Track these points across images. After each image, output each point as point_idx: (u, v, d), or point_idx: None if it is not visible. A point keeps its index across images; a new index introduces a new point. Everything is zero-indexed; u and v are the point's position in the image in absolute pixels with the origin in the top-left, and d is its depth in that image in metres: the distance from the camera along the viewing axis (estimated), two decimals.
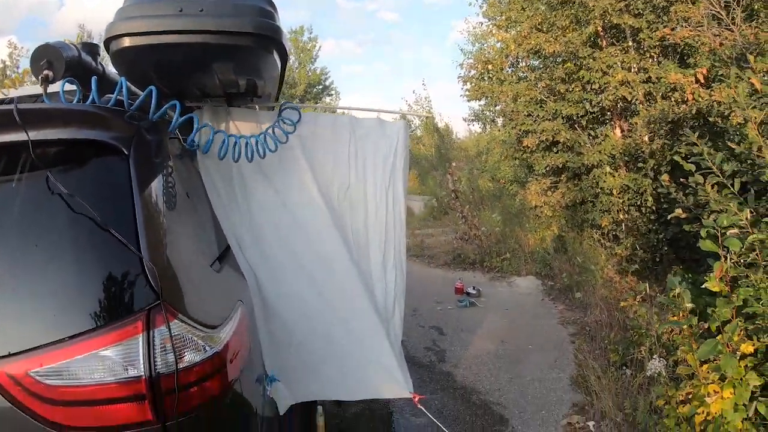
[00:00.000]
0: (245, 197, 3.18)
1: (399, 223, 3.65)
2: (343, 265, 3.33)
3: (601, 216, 8.37)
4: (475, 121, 16.38)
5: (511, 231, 10.99)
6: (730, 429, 2.64)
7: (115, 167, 1.98)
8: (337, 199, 3.44)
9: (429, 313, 7.61)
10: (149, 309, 1.79)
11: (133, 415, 1.79)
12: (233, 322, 2.24)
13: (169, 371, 1.79)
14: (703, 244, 2.77)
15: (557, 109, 8.82)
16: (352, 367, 3.42)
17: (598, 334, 5.95)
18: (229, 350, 2.08)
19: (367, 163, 3.52)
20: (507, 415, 4.59)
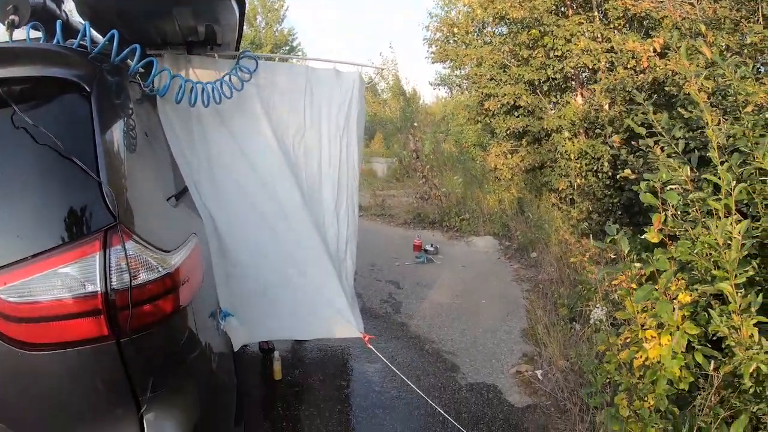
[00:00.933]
0: (203, 142, 3.25)
1: (352, 171, 3.77)
2: (296, 208, 3.43)
3: (559, 180, 8.54)
4: (441, 85, 16.44)
5: (471, 193, 11.15)
6: (668, 375, 2.76)
7: (77, 103, 2.06)
8: (292, 145, 3.54)
9: (387, 268, 7.75)
10: (106, 229, 1.89)
11: (90, 330, 1.88)
12: (186, 250, 2.33)
13: (123, 287, 1.90)
14: (643, 197, 2.86)
15: (520, 74, 8.90)
16: (305, 307, 3.53)
17: (550, 290, 6.14)
18: (180, 274, 2.17)
19: (322, 110, 3.62)
20: (458, 363, 4.74)
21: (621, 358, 3.08)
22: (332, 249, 3.72)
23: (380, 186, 15.50)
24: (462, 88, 14.52)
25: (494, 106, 9.19)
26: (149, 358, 2.07)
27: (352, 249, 3.88)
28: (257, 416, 3.91)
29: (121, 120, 2.29)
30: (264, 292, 3.46)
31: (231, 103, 3.26)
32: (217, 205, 3.28)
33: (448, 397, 4.18)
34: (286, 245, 3.44)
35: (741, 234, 2.41)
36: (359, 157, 3.83)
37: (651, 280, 2.85)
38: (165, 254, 2.12)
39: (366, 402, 4.11)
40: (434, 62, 10.85)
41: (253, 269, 3.40)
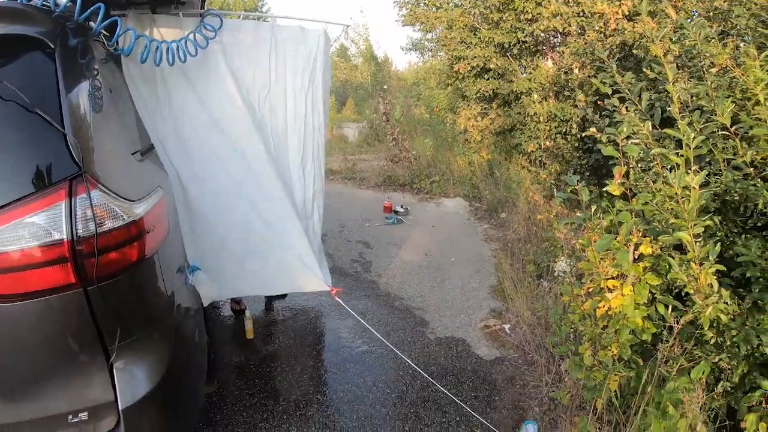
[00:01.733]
0: (168, 101, 3.25)
1: (318, 128, 3.79)
2: (262, 163, 3.45)
3: (528, 142, 8.60)
4: (412, 50, 16.33)
5: (441, 156, 11.20)
6: (631, 325, 2.84)
7: (42, 60, 2.10)
8: (258, 102, 3.55)
9: (357, 229, 7.81)
10: (72, 179, 1.93)
11: (57, 279, 1.92)
12: (151, 201, 2.37)
13: (89, 235, 1.93)
14: (604, 149, 2.91)
15: (490, 36, 8.89)
16: (273, 262, 3.57)
17: (518, 249, 6.24)
18: (145, 223, 2.21)
19: (287, 67, 3.62)
20: (428, 318, 4.83)
21: (584, 309, 3.16)
22: (299, 204, 3.75)
23: (351, 151, 15.49)
24: (433, 52, 14.43)
25: (464, 68, 9.18)
26: (117, 307, 2.10)
27: (319, 204, 3.91)
28: (230, 374, 3.95)
29: (86, 78, 2.32)
30: (231, 248, 3.49)
31: (196, 62, 3.25)
32: (183, 162, 3.28)
33: (417, 351, 4.26)
34: (253, 200, 3.46)
35: (699, 184, 2.47)
36: (325, 114, 3.84)
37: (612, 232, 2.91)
38: (130, 203, 2.15)
39: (337, 357, 4.18)
40: (404, 25, 10.77)
41: (220, 225, 3.43)
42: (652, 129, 3.14)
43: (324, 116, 3.81)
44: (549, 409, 3.49)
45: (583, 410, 3.24)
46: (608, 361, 2.92)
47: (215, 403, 3.58)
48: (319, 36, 3.72)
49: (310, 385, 3.83)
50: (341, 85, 23.03)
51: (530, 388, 3.73)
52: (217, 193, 3.39)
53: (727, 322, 2.56)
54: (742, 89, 3.20)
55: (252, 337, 4.42)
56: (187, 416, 2.62)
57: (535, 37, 8.54)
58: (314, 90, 3.73)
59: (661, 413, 2.55)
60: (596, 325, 3.11)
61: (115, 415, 2.10)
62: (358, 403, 3.58)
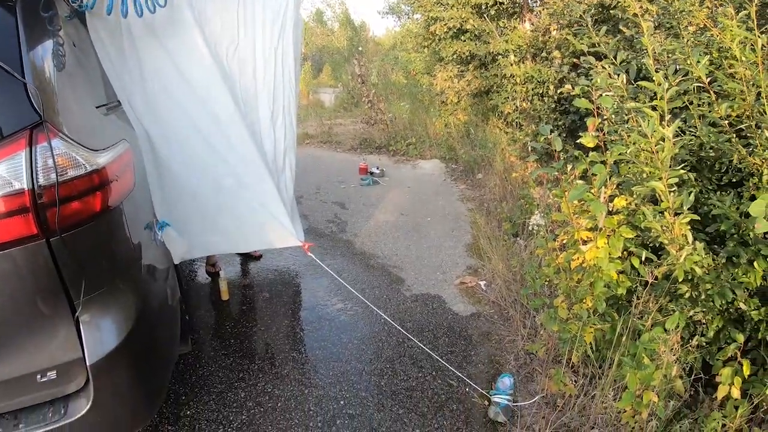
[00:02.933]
0: (135, 58, 3.16)
1: (288, 83, 3.71)
2: (231, 118, 3.38)
3: (505, 103, 8.57)
4: (389, 13, 16.17)
5: (418, 119, 11.14)
6: (605, 279, 2.84)
7: (2, 12, 2.08)
8: (226, 57, 3.46)
9: (332, 191, 7.77)
10: (32, 128, 1.89)
11: (19, 230, 1.87)
12: (114, 152, 2.32)
13: (50, 184, 1.88)
14: (578, 102, 2.88)
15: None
16: (244, 218, 3.52)
17: (494, 208, 6.25)
18: (109, 173, 2.16)
19: (256, 23, 3.53)
20: (403, 276, 4.82)
21: (559, 262, 3.17)
22: (270, 159, 3.69)
23: (328, 116, 15.37)
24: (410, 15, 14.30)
25: (441, 30, 9.10)
26: (81, 259, 2.05)
27: (291, 160, 3.84)
28: (205, 334, 3.93)
29: (48, 33, 2.27)
30: (201, 205, 3.43)
31: (162, 16, 3.14)
32: (151, 118, 3.20)
33: (393, 308, 4.26)
34: (222, 156, 3.39)
35: (673, 134, 2.46)
36: (296, 71, 3.77)
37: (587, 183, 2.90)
38: (92, 152, 2.10)
39: (312, 315, 4.16)
40: None
41: (189, 181, 3.36)
42: (627, 84, 3.12)
43: (295, 72, 3.74)
44: (525, 363, 3.51)
45: (558, 363, 3.26)
46: (583, 313, 2.93)
47: (190, 363, 3.56)
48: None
49: (286, 344, 3.81)
50: (318, 50, 22.77)
51: (506, 343, 3.75)
52: (185, 149, 3.32)
53: (702, 275, 2.57)
54: (719, 48, 3.18)
55: (227, 299, 4.40)
56: (159, 374, 2.58)
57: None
58: (284, 45, 3.65)
59: (637, 364, 2.57)
60: (571, 278, 3.12)
61: (84, 372, 2.06)
62: (334, 360, 3.58)
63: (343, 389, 3.30)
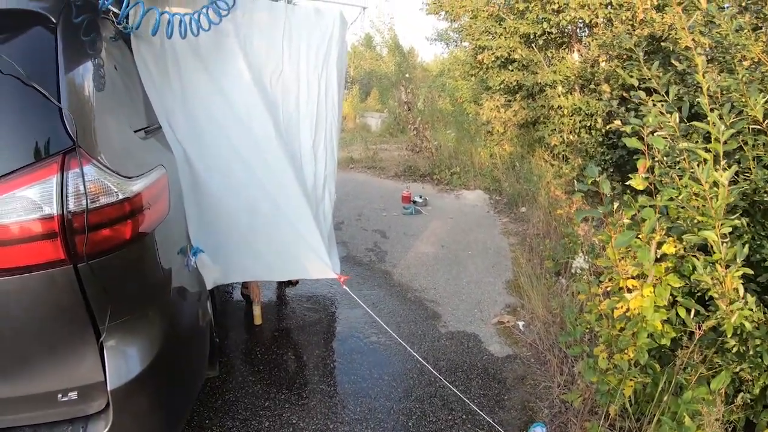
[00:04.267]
0: (178, 79, 3.17)
1: (331, 111, 3.71)
2: (272, 145, 3.36)
3: (552, 135, 8.44)
4: (437, 40, 16.20)
5: (463, 147, 11.05)
6: (649, 329, 2.70)
7: (43, 34, 2.07)
8: (270, 84, 3.48)
9: (374, 218, 7.70)
10: (65, 153, 1.88)
11: (47, 254, 1.86)
12: (149, 179, 2.28)
13: (80, 210, 1.86)
14: (628, 140, 2.76)
15: (515, 26, 8.72)
16: (280, 246, 3.47)
17: (536, 244, 6.09)
18: (142, 200, 2.14)
19: (301, 49, 3.54)
20: (440, 311, 4.71)
21: (601, 309, 3.03)
22: (309, 187, 3.66)
23: (373, 140, 15.39)
24: (458, 42, 14.27)
25: (488, 59, 9.04)
26: (108, 285, 2.02)
27: (331, 189, 3.81)
28: (235, 359, 3.89)
29: (89, 55, 2.27)
30: (238, 230, 3.39)
31: (208, 40, 3.16)
32: (191, 141, 3.20)
33: (427, 344, 4.15)
34: (261, 182, 3.36)
35: (728, 181, 2.33)
36: (339, 99, 3.77)
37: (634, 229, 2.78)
38: (125, 180, 2.07)
39: (344, 347, 4.08)
40: (428, 14, 10.64)
41: (227, 206, 3.33)
42: (680, 122, 2.99)
43: (338, 100, 3.73)
44: (559, 412, 3.37)
45: (594, 415, 3.11)
46: (624, 365, 2.79)
47: (217, 387, 3.51)
48: (334, 19, 3.65)
49: (315, 375, 3.74)
50: (366, 74, 22.90)
51: (541, 389, 3.60)
52: (225, 173, 3.30)
53: (751, 330, 2.41)
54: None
55: (260, 323, 4.35)
56: (183, 400, 2.54)
57: (561, 28, 8.34)
58: (328, 73, 3.66)
59: (677, 424, 2.42)
60: (613, 327, 2.98)
61: (105, 396, 2.03)
62: (363, 396, 3.48)
63: (369, 427, 3.20)
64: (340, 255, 3.84)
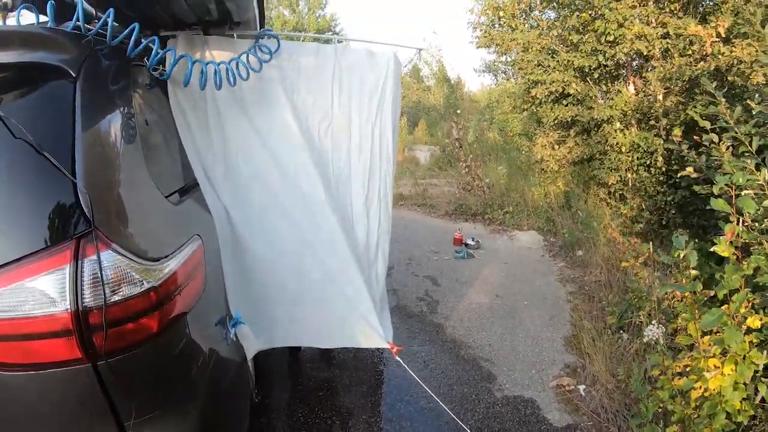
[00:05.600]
0: (220, 131, 2.99)
1: (386, 163, 3.44)
2: (320, 203, 3.13)
3: (609, 174, 8.10)
4: (486, 72, 16.00)
5: (515, 184, 10.74)
6: (728, 408, 2.45)
7: (62, 90, 1.85)
8: (318, 134, 3.25)
9: (425, 262, 7.45)
10: (79, 237, 1.67)
11: (61, 352, 1.67)
12: (182, 256, 2.08)
13: (98, 305, 1.66)
14: (715, 203, 2.52)
15: (569, 60, 8.46)
16: (328, 312, 3.25)
17: (596, 294, 5.75)
18: (171, 286, 1.92)
19: (352, 96, 3.31)
20: (495, 372, 4.41)
21: (677, 386, 2.76)
22: (361, 248, 3.42)
23: (422, 174, 15.25)
24: (507, 74, 14.04)
25: (542, 93, 8.77)
26: (133, 382, 1.83)
27: (384, 249, 3.55)
28: (276, 421, 3.69)
29: (116, 107, 2.06)
30: (282, 294, 3.18)
31: (251, 88, 2.99)
32: (233, 200, 3.01)
33: (481, 411, 3.86)
34: (308, 243, 3.15)
35: None
36: (394, 148, 3.50)
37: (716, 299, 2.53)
38: (153, 264, 1.86)
39: (392, 412, 3.83)
40: (479, 47, 10.44)
41: (272, 269, 3.13)
42: None
43: (393, 150, 3.48)
44: None
45: None
46: None
47: None
48: (388, 61, 3.40)
49: None
50: (413, 106, 22.84)
51: None
52: (269, 233, 3.10)
53: None
54: None
55: (304, 380, 4.15)
56: None
57: (616, 60, 8.05)
58: (382, 120, 3.40)
59: None
60: (688, 406, 2.70)
61: None
62: None
63: None
64: (390, 305, 3.61)
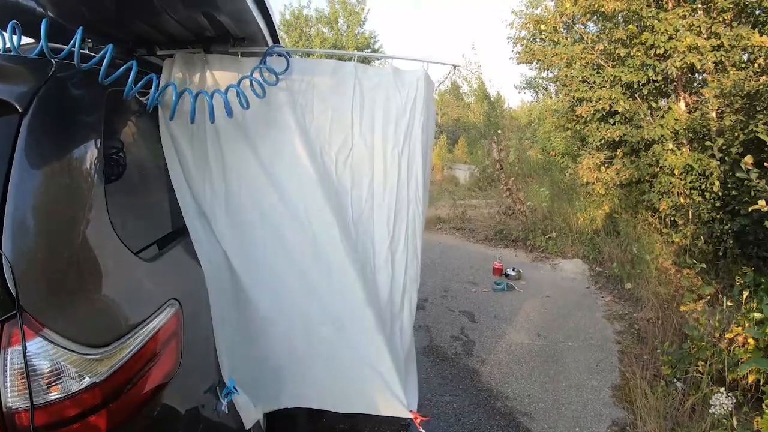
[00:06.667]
0: (220, 164, 2.61)
1: (415, 197, 2.97)
2: (334, 247, 2.72)
3: (660, 198, 7.60)
4: (526, 88, 15.59)
5: (558, 208, 10.23)
6: None
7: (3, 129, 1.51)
8: (336, 167, 2.81)
9: (462, 295, 7.01)
10: (2, 322, 1.35)
11: None
12: (147, 332, 1.74)
13: (23, 407, 1.35)
14: None
15: (616, 75, 8.00)
16: (340, 372, 2.85)
17: (648, 335, 5.25)
18: (124, 376, 1.59)
19: (376, 121, 2.86)
20: (535, 429, 3.96)
21: None
22: (383, 299, 2.97)
23: (461, 195, 14.84)
24: (549, 91, 13.57)
25: (587, 112, 8.33)
26: None
27: (412, 299, 3.07)
28: None
29: (76, 147, 1.72)
30: (289, 351, 2.80)
31: (255, 115, 2.62)
32: (234, 244, 2.65)
33: None
34: (319, 294, 2.74)
35: None
36: (425, 181, 3.05)
37: None
38: (98, 352, 1.51)
39: None
40: (519, 63, 10.05)
41: (277, 323, 2.75)
42: None
43: (424, 182, 3.02)
44: None
45: None
46: None
47: None
48: (418, 79, 2.92)
49: None
50: (453, 123, 22.46)
51: None
52: (274, 281, 2.72)
53: None
54: None
55: None
56: None
57: (665, 75, 7.56)
58: (411, 148, 2.92)
59: None
60: None
61: None
62: None
63: None
64: (421, 344, 3.20)
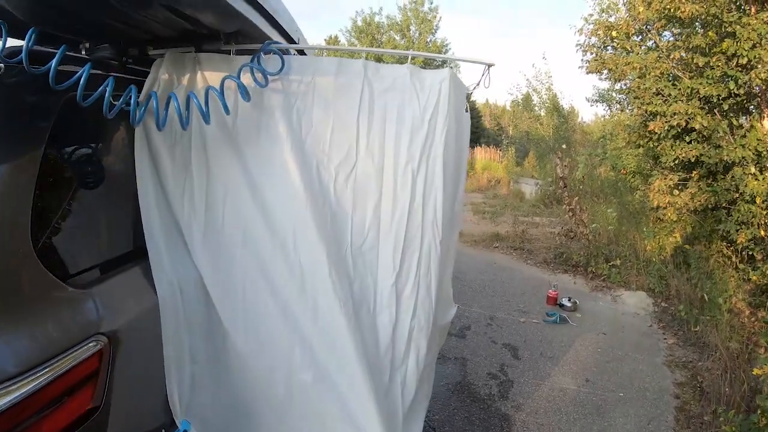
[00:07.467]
0: (203, 177, 2.26)
1: (432, 226, 2.46)
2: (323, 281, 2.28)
3: (737, 229, 6.84)
4: (598, 101, 14.82)
5: (625, 232, 9.49)
6: None
7: None
8: (335, 185, 2.36)
9: (508, 324, 6.42)
10: None
11: None
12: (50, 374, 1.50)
13: None
14: None
15: (693, 87, 7.28)
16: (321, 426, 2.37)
17: (712, 391, 4.58)
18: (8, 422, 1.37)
19: (387, 131, 2.39)
20: None
21: None
22: (382, 345, 2.47)
23: (525, 211, 14.21)
24: (622, 104, 12.81)
25: (660, 127, 7.63)
26: None
27: (419, 347, 2.55)
28: None
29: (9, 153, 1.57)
30: (267, 398, 2.35)
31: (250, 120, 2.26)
32: (212, 268, 2.27)
33: None
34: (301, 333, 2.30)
35: None
36: (451, 204, 2.58)
37: None
38: None
39: None
40: (589, 72, 9.43)
41: (254, 364, 2.33)
42: None
43: (446, 208, 2.50)
44: None
45: None
46: None
47: None
48: (442, 82, 2.41)
49: None
50: (522, 136, 21.86)
51: None
52: (252, 315, 2.31)
53: None
54: None
55: None
56: None
57: (749, 88, 6.82)
58: (430, 168, 2.42)
59: None
60: None
61: None
62: None
63: None
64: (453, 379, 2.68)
